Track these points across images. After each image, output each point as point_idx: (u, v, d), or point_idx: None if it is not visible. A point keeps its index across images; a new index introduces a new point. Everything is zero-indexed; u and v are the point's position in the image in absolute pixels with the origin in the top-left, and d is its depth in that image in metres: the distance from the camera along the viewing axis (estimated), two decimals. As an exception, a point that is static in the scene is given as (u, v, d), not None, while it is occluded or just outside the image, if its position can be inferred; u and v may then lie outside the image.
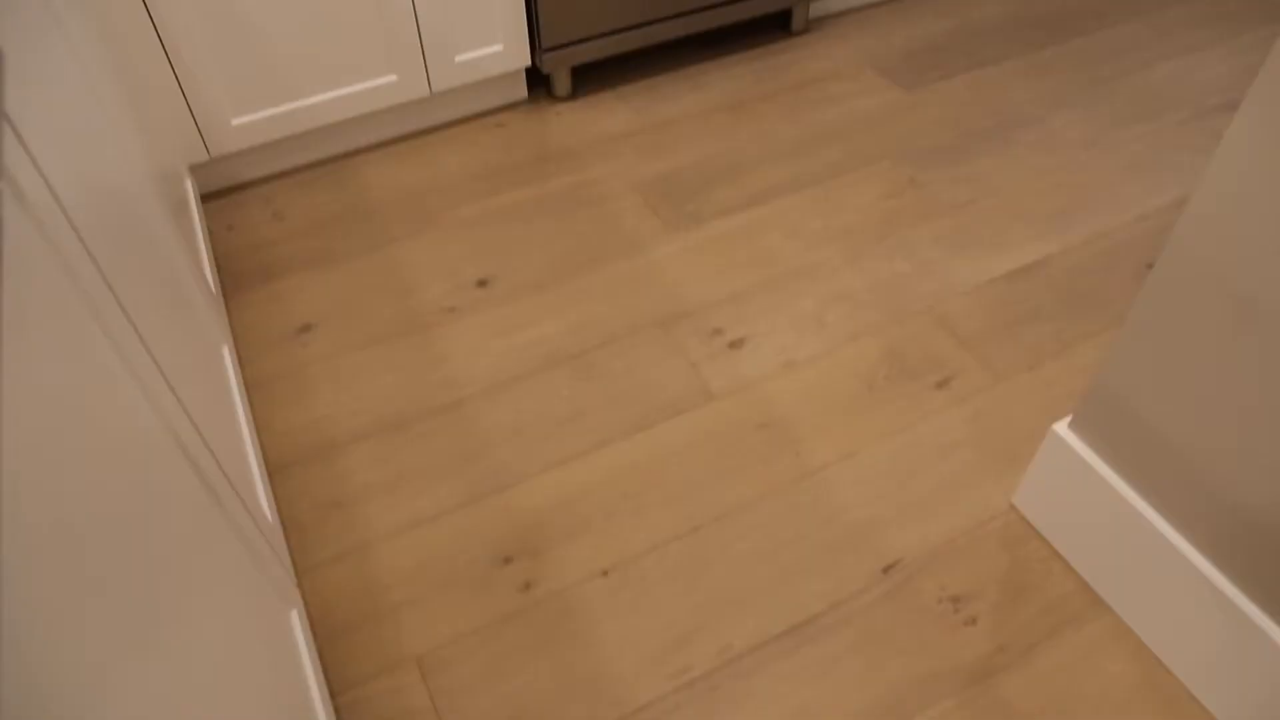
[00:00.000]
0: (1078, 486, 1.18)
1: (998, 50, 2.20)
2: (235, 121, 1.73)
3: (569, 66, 1.99)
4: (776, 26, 2.26)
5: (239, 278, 1.66)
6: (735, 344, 1.52)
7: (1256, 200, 0.85)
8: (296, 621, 1.07)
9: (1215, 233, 0.90)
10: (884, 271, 1.64)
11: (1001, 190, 1.81)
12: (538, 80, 2.09)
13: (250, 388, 1.48)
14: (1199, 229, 0.92)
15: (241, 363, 1.52)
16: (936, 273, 1.64)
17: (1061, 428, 1.18)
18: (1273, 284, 0.87)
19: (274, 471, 1.36)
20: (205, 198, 1.84)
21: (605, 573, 1.24)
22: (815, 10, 2.31)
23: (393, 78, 1.81)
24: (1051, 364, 1.49)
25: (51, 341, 0.58)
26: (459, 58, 1.85)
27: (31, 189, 0.62)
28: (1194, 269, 0.94)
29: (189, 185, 1.65)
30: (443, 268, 1.67)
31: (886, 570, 1.23)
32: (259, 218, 1.78)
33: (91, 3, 1.28)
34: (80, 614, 0.47)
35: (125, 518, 0.60)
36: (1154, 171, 1.85)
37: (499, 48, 1.88)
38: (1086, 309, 1.58)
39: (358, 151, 1.93)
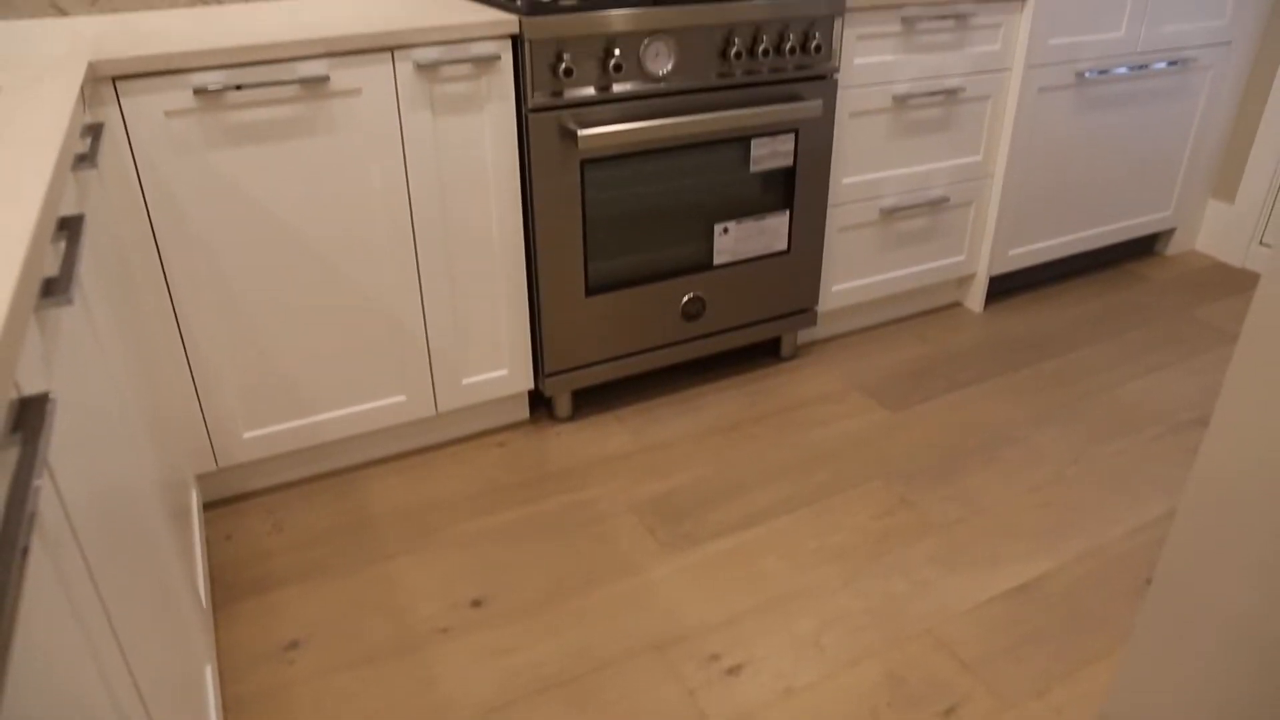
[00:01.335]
0: (1100, 831, 1.10)
1: (975, 372, 2.33)
2: (246, 435, 1.79)
3: (570, 390, 2.10)
4: (767, 353, 2.41)
5: (232, 588, 1.65)
6: (733, 670, 1.48)
7: (1237, 515, 0.88)
8: None
9: (1203, 551, 0.92)
10: (880, 592, 1.64)
11: (991, 508, 1.84)
12: (539, 401, 2.19)
13: (229, 708, 1.42)
14: (1187, 547, 0.94)
15: (224, 680, 1.47)
16: (933, 593, 1.63)
17: (1076, 764, 1.13)
18: (1264, 600, 0.87)
19: (244, 806, 1.28)
20: (207, 505, 1.86)
21: None
22: (803, 337, 2.47)
23: (402, 398, 1.91)
24: (1060, 689, 1.44)
25: (41, 659, 0.58)
26: (466, 381, 1.96)
27: (53, 523, 0.64)
28: (1189, 588, 0.95)
29: (193, 494, 1.68)
30: (438, 586, 1.66)
31: None
32: (259, 529, 1.80)
33: (130, 318, 1.38)
34: None
35: None
36: (1139, 485, 1.90)
37: (504, 372, 1.99)
38: (1089, 628, 1.55)
39: (361, 465, 1.98)
